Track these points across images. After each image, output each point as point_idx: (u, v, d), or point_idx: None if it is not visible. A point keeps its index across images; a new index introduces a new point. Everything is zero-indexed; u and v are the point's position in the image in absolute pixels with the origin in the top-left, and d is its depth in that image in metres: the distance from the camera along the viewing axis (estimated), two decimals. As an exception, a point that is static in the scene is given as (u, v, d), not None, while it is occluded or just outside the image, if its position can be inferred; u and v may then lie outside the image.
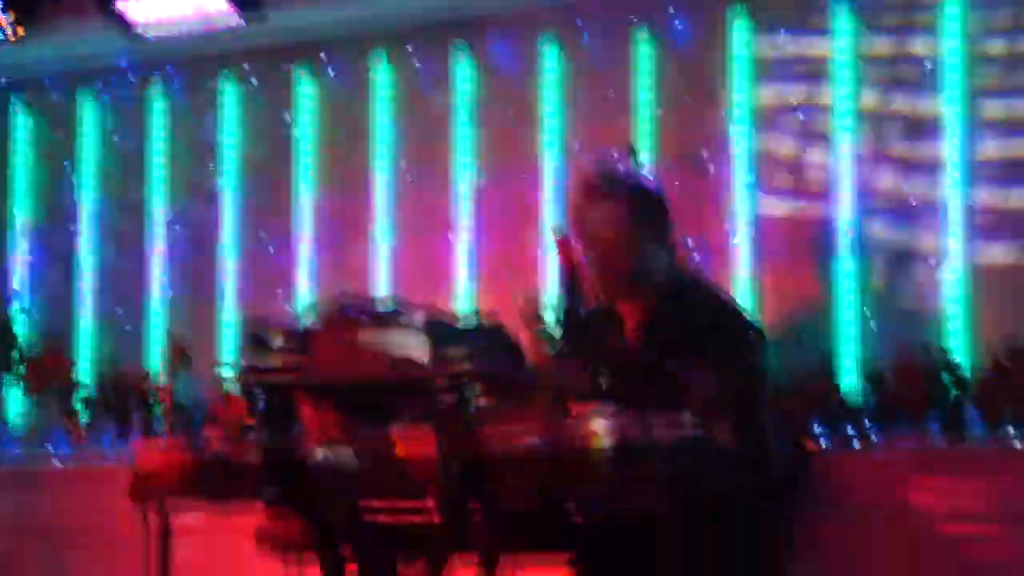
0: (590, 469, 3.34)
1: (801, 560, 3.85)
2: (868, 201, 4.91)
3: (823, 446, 4.58)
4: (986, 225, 4.77)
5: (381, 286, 5.57)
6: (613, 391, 3.69)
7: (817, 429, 4.69)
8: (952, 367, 4.60)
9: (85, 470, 5.74)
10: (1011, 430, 4.50)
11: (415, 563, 3.60)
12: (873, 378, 4.70)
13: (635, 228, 4.08)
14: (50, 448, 5.92)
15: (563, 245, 4.88)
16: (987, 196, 4.78)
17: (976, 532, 4.46)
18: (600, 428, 3.35)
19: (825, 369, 4.77)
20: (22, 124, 6.16)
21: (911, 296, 4.85)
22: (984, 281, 4.76)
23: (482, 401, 3.98)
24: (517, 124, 5.43)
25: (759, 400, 3.62)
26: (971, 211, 4.77)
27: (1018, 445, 4.51)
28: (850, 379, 4.81)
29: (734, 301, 4.40)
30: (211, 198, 5.88)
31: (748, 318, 4.34)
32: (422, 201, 5.57)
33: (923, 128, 4.86)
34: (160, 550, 4.39)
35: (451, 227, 5.47)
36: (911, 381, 4.60)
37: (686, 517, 3.64)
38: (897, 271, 4.88)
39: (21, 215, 6.17)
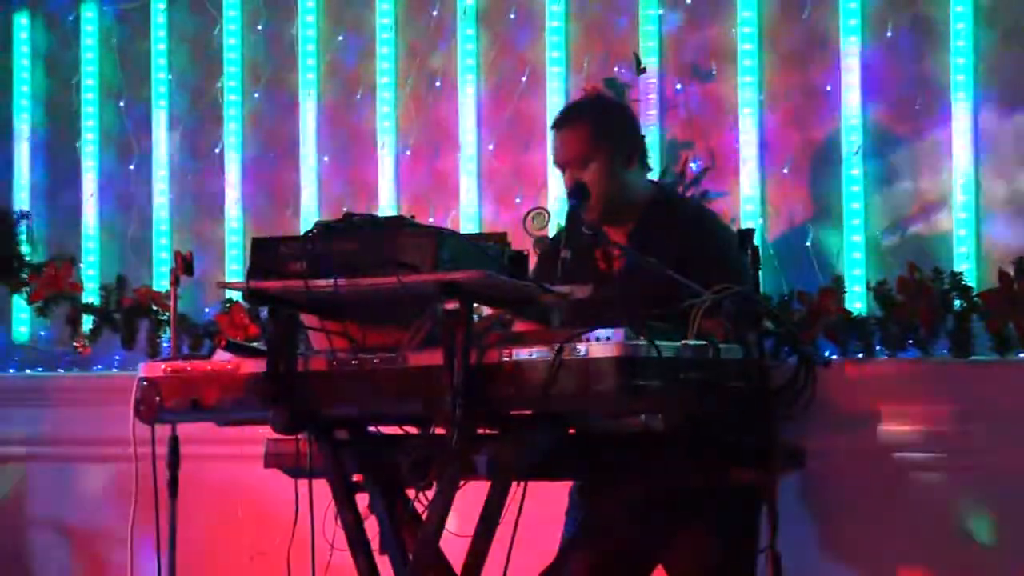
0: (593, 380, 3.34)
1: (802, 469, 3.87)
2: (877, 109, 4.87)
3: (827, 357, 4.59)
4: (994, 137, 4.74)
5: (388, 201, 5.55)
6: (604, 303, 3.70)
7: (823, 343, 4.69)
8: (959, 282, 4.59)
9: (92, 383, 5.76)
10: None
11: (425, 488, 3.62)
12: (880, 293, 4.69)
13: (601, 151, 4.12)
14: (56, 362, 5.94)
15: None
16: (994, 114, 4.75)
17: (976, 444, 4.48)
18: (603, 339, 3.36)
19: (832, 283, 4.76)
20: (25, 34, 6.12)
21: (919, 209, 4.82)
22: (993, 193, 4.73)
23: (486, 311, 4.01)
24: (520, 34, 5.39)
25: (750, 302, 3.63)
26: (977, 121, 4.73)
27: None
28: (857, 294, 4.79)
29: (713, 213, 4.44)
30: (215, 108, 5.85)
31: (728, 227, 4.40)
32: (427, 113, 5.55)
33: (932, 28, 4.80)
34: (169, 467, 4.42)
35: (456, 140, 5.44)
36: (918, 296, 4.59)
37: (686, 429, 3.67)
38: (905, 181, 4.86)
39: (25, 127, 6.14)
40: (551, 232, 4.37)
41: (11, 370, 6.00)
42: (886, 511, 4.55)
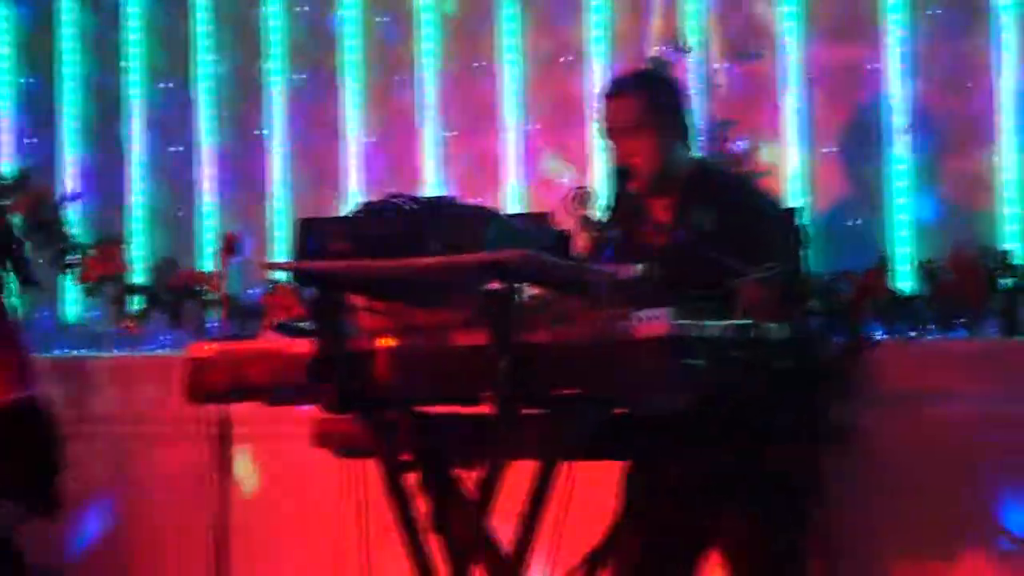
0: (639, 360, 3.34)
1: (847, 448, 3.87)
2: (922, 86, 4.84)
3: (874, 337, 4.58)
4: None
5: (431, 181, 5.56)
6: (651, 279, 3.70)
7: (870, 322, 4.68)
8: (1008, 261, 4.58)
9: (140, 363, 5.79)
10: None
11: (474, 468, 3.63)
12: (927, 272, 4.67)
13: (653, 122, 4.14)
14: (105, 342, 5.98)
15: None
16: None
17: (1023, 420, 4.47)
18: (649, 318, 3.36)
19: (879, 262, 4.75)
20: (70, 17, 6.15)
21: (966, 187, 4.80)
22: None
23: (531, 291, 4.01)
24: (562, 14, 5.39)
25: (795, 280, 3.62)
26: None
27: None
28: (904, 273, 4.78)
29: (755, 182, 4.43)
30: (258, 90, 5.87)
31: (776, 200, 4.39)
32: (470, 94, 5.55)
33: (975, 3, 4.78)
34: (219, 447, 4.45)
35: (499, 121, 5.45)
36: (965, 275, 4.58)
37: (732, 408, 3.66)
38: (951, 159, 4.84)
39: (72, 110, 6.17)
40: (595, 212, 4.36)
41: (61, 350, 6.04)
42: (934, 490, 4.54)
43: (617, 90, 4.27)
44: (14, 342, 3.00)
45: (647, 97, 4.18)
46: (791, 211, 4.16)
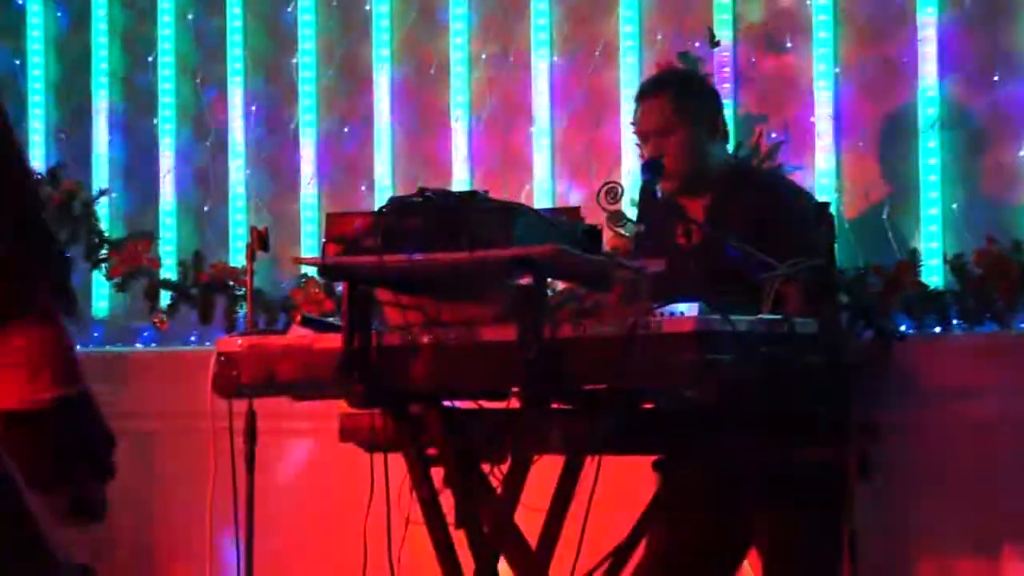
0: (667, 355, 3.34)
1: (876, 442, 3.85)
2: (954, 81, 4.81)
3: (904, 332, 4.56)
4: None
5: (461, 176, 5.56)
6: (681, 277, 3.70)
7: (899, 317, 4.66)
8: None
9: (170, 357, 5.81)
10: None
11: (500, 462, 3.63)
12: (957, 267, 4.65)
13: (684, 123, 4.14)
14: (134, 337, 6.00)
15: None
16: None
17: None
18: (677, 314, 3.35)
19: (909, 257, 4.73)
20: (103, 12, 6.17)
21: (997, 181, 4.77)
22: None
23: (560, 286, 4.01)
24: (594, 8, 5.37)
25: (826, 275, 3.61)
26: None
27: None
28: (934, 268, 4.75)
29: (790, 181, 4.43)
30: (290, 84, 5.88)
31: (808, 196, 4.38)
32: (500, 88, 5.55)
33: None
34: (246, 442, 4.45)
35: (529, 115, 5.44)
36: (996, 269, 4.55)
37: (760, 404, 3.65)
38: (982, 154, 4.81)
39: (104, 104, 6.19)
40: (625, 207, 4.36)
41: (90, 345, 6.06)
42: (964, 486, 4.52)
43: (647, 92, 4.26)
44: (62, 336, 3.00)
45: (676, 97, 4.17)
46: (822, 206, 4.14)
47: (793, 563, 4.10)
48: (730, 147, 4.90)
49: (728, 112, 5.00)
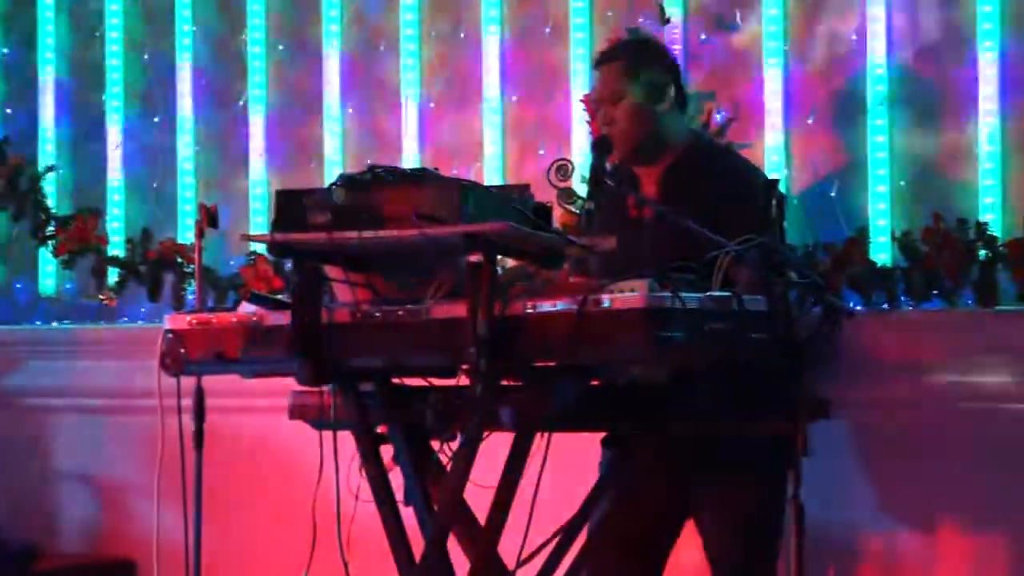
0: (617, 332, 3.34)
1: (826, 419, 3.87)
2: (903, 57, 4.83)
3: (852, 308, 4.58)
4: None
5: (411, 153, 5.55)
6: (633, 250, 3.70)
7: (848, 293, 4.68)
8: (985, 232, 4.58)
9: (118, 335, 5.78)
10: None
11: (450, 440, 3.63)
12: (905, 244, 4.67)
13: (632, 90, 4.13)
14: (82, 314, 5.97)
15: (591, 108, 4.88)
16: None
17: (1000, 393, 4.48)
18: (627, 291, 3.35)
19: (857, 233, 4.75)
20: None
21: (945, 158, 4.80)
22: (1020, 141, 4.70)
23: (511, 263, 4.00)
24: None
25: (775, 252, 3.61)
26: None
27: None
28: (882, 244, 4.78)
29: (747, 160, 4.44)
30: (239, 60, 5.85)
31: (760, 173, 4.39)
32: (451, 65, 5.53)
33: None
34: (194, 419, 4.44)
35: (479, 92, 5.43)
36: (943, 246, 4.58)
37: (712, 378, 3.66)
38: (930, 131, 4.83)
39: (50, 80, 6.14)
40: (576, 184, 4.35)
41: (38, 322, 6.02)
42: (911, 459, 4.56)
43: (599, 60, 4.28)
44: None
45: (627, 64, 4.17)
46: (772, 183, 4.15)
47: (741, 536, 4.13)
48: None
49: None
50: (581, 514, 3.81)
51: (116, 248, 5.89)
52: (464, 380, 3.58)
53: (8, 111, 6.19)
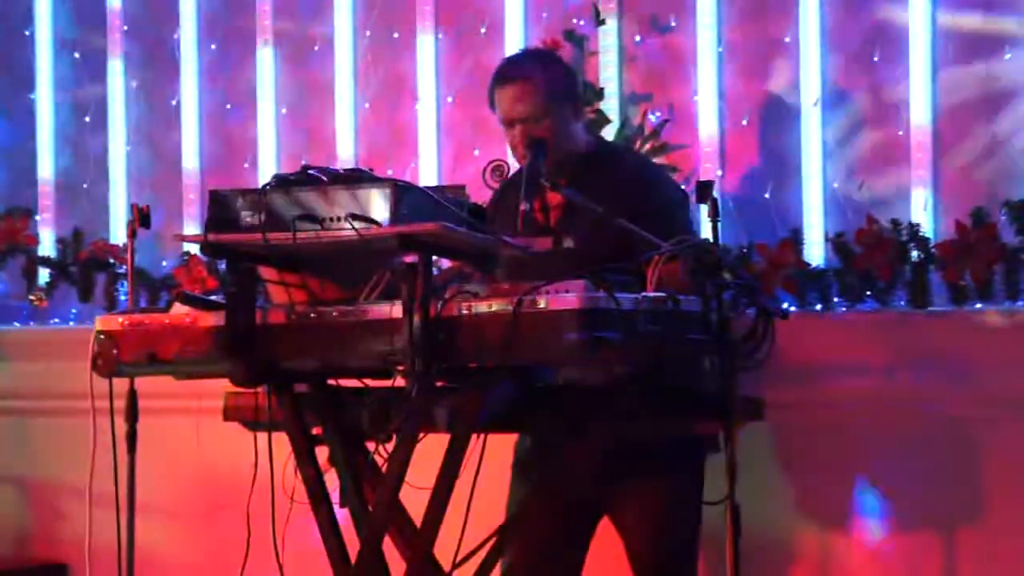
0: (552, 333, 3.34)
1: (760, 420, 3.89)
2: (836, 61, 4.86)
3: (786, 309, 4.60)
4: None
5: (346, 154, 5.53)
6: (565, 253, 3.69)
7: (782, 294, 4.71)
8: (917, 234, 4.61)
9: (48, 336, 5.73)
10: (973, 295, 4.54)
11: (385, 441, 3.62)
12: (838, 245, 4.70)
13: (554, 108, 4.11)
14: (12, 315, 5.92)
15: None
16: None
17: (932, 394, 4.51)
18: (562, 292, 3.35)
19: (791, 235, 4.77)
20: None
21: (877, 161, 4.83)
22: (951, 143, 4.74)
23: (447, 264, 4.00)
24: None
25: (707, 253, 3.62)
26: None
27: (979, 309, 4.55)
28: (815, 246, 4.80)
29: (656, 166, 4.45)
30: (172, 59, 5.82)
31: (671, 179, 4.41)
32: (386, 65, 5.52)
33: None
34: (127, 421, 4.40)
35: (415, 92, 5.42)
36: (876, 248, 4.61)
37: (646, 381, 3.67)
38: (863, 133, 4.86)
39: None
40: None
41: (-33, 323, 5.97)
42: (843, 461, 4.58)
43: (512, 77, 4.16)
44: None
45: (545, 82, 4.13)
46: (704, 184, 4.16)
47: (660, 535, 4.14)
48: (615, 126, 4.93)
49: (613, 91, 5.03)
50: (515, 515, 3.81)
51: (47, 249, 5.84)
52: (400, 381, 3.57)
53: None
